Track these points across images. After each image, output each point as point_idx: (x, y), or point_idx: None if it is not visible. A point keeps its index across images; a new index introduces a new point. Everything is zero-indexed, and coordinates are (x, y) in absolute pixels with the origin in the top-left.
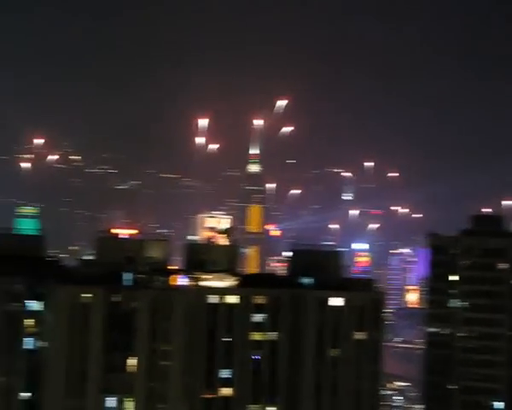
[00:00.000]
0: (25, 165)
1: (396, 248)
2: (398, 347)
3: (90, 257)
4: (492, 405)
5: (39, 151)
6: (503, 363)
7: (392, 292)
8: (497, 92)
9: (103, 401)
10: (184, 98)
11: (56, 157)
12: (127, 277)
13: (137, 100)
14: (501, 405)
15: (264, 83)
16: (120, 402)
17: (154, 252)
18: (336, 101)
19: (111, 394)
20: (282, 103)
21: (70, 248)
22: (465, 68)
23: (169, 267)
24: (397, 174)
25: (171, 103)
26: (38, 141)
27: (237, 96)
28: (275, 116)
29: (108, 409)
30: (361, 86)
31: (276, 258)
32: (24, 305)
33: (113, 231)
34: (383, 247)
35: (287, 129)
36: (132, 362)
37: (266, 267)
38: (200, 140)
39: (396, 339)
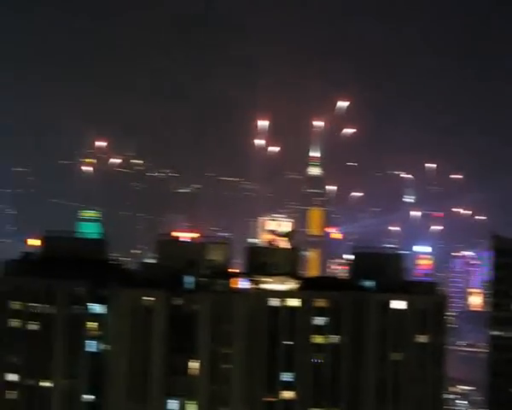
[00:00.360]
0: (87, 169)
1: (459, 251)
2: (461, 350)
3: (152, 260)
4: None
5: (101, 155)
6: None
7: (455, 295)
8: None
9: (165, 404)
10: (244, 100)
11: (118, 161)
12: (189, 280)
13: (197, 103)
14: None
15: (325, 84)
16: (182, 405)
17: (215, 255)
18: (397, 104)
19: (173, 397)
20: (343, 105)
21: (132, 251)
22: None
23: (230, 270)
24: (460, 176)
25: (231, 105)
26: (100, 144)
27: (297, 98)
28: (336, 118)
29: None
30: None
31: (337, 261)
32: (87, 308)
33: (175, 234)
34: (446, 249)
35: (348, 131)
36: (194, 365)
37: (327, 270)
38: (260, 142)
39: (459, 342)
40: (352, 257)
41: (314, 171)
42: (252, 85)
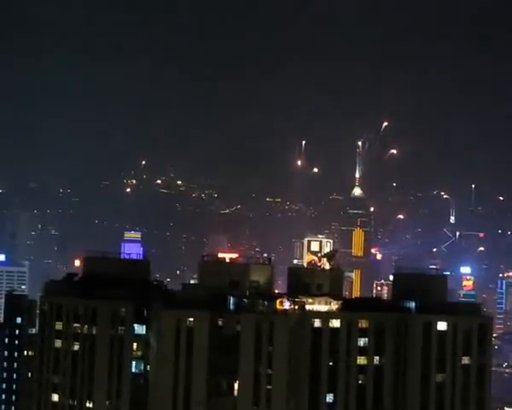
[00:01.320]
0: (130, 189)
1: (504, 272)
2: (505, 372)
3: (195, 281)
4: None
5: (145, 176)
6: None
7: (500, 316)
8: None
9: None
10: (287, 122)
11: (161, 181)
12: (232, 300)
13: (239, 124)
14: None
15: (367, 107)
16: None
17: (258, 276)
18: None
19: None
20: (386, 127)
21: (174, 272)
22: None
23: (273, 291)
24: (501, 198)
25: (274, 127)
26: (144, 166)
27: (341, 120)
28: (379, 140)
29: None
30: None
31: (380, 282)
32: (130, 328)
33: (217, 254)
34: (491, 270)
35: (391, 152)
36: (237, 386)
37: (371, 291)
38: (302, 164)
39: (504, 364)
40: (395, 278)
41: (357, 192)
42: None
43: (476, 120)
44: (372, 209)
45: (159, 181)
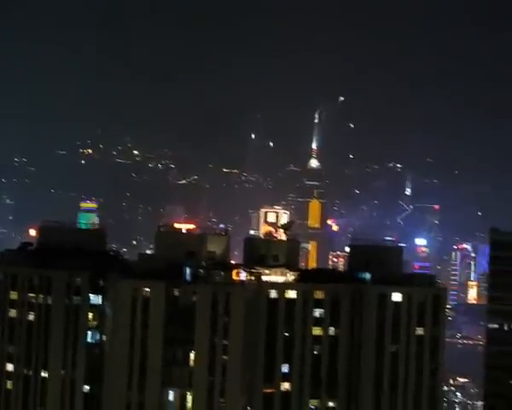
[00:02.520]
0: (87, 159)
1: (458, 244)
2: (459, 343)
3: (151, 251)
4: None
5: (101, 146)
6: None
7: (454, 288)
8: None
9: (164, 395)
10: (244, 93)
11: (118, 151)
12: (188, 271)
13: (197, 95)
14: None
15: (324, 80)
16: (180, 396)
17: (215, 247)
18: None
19: (171, 387)
20: (342, 100)
21: (131, 242)
22: None
23: (229, 262)
24: (456, 172)
25: (231, 98)
26: (100, 135)
27: (298, 92)
28: (335, 112)
29: (169, 403)
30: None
31: (336, 253)
32: (86, 298)
33: (174, 225)
34: (445, 242)
35: (348, 125)
36: (193, 356)
37: (327, 262)
38: (259, 135)
39: (457, 335)
40: (351, 249)
41: (314, 163)
42: (254, 80)
43: (435, 93)
44: (328, 181)
45: (115, 151)
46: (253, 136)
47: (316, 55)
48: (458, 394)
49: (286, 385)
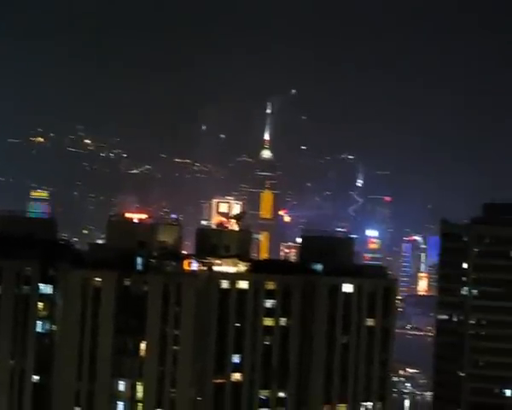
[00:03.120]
0: (38, 148)
1: (409, 236)
2: (409, 334)
3: (102, 241)
4: (502, 392)
5: (53, 134)
6: None
7: (404, 279)
8: None
9: (114, 385)
10: (198, 85)
11: (69, 140)
12: (139, 261)
13: (152, 86)
14: (510, 393)
15: (277, 72)
16: (130, 386)
17: (166, 237)
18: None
19: (121, 377)
20: (294, 92)
21: (82, 231)
22: None
23: (181, 252)
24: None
25: (185, 90)
26: (52, 124)
27: (251, 83)
28: (288, 104)
29: (119, 392)
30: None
31: (288, 244)
32: (36, 288)
33: (125, 215)
34: (396, 234)
35: (300, 116)
36: (143, 346)
37: (278, 253)
38: (212, 126)
39: (407, 326)
40: (302, 240)
41: (266, 154)
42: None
43: (387, 84)
44: (281, 172)
45: (67, 140)
46: (204, 127)
47: (270, 48)
48: (408, 384)
49: (237, 376)
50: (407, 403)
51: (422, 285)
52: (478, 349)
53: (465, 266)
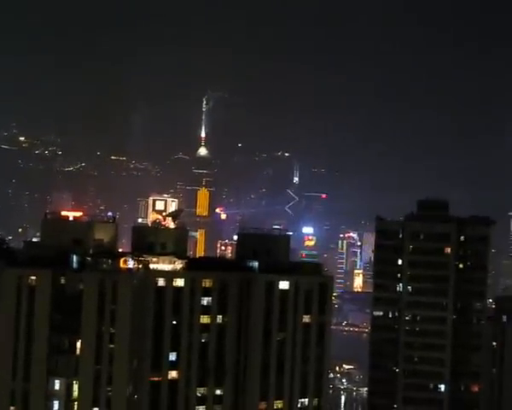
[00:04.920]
0: None
1: (345, 232)
2: (345, 330)
3: (37, 239)
4: (435, 387)
5: None
6: (447, 346)
7: (340, 276)
8: None
9: (50, 384)
10: (135, 83)
11: (4, 138)
12: (74, 259)
13: (87, 83)
14: (444, 388)
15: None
16: (67, 385)
17: (102, 234)
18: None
19: (57, 376)
20: (229, 91)
21: (16, 229)
22: None
23: (117, 250)
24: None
25: (121, 87)
26: None
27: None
28: (224, 102)
29: (54, 391)
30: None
31: (224, 242)
32: None
33: (61, 213)
34: (331, 231)
35: (236, 114)
36: (79, 345)
37: (215, 251)
38: (148, 123)
39: (343, 322)
40: (239, 238)
41: (202, 151)
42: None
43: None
44: (217, 169)
45: (0, 137)
46: (141, 123)
47: (207, 48)
48: (344, 380)
49: (173, 374)
50: (343, 399)
51: (358, 282)
52: (412, 345)
53: (400, 262)
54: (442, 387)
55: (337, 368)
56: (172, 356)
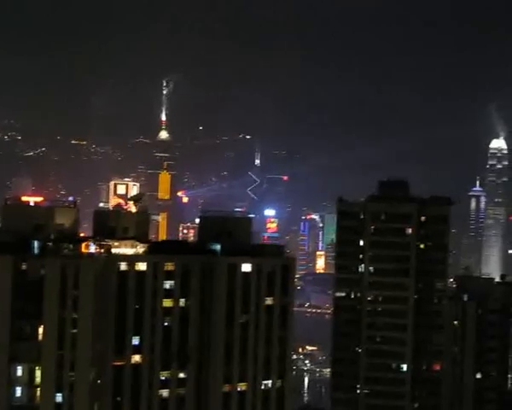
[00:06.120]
0: None
1: (306, 214)
2: (308, 312)
3: None
4: (398, 367)
5: None
6: (409, 326)
7: (303, 257)
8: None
9: (11, 370)
10: (95, 66)
11: None
12: (35, 244)
13: (47, 66)
14: (406, 367)
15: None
16: (29, 371)
17: (63, 219)
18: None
19: (19, 362)
20: (187, 72)
21: None
22: None
23: (78, 235)
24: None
25: (82, 70)
26: None
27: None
28: (185, 84)
29: (16, 378)
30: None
31: (186, 225)
32: None
33: (21, 198)
34: (293, 213)
35: (197, 97)
36: (41, 330)
37: (177, 234)
38: (108, 106)
39: (306, 304)
40: (201, 221)
41: (163, 135)
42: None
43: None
44: (178, 153)
45: None
46: (101, 107)
47: (170, 30)
48: (307, 361)
49: (136, 358)
50: (306, 380)
51: (320, 263)
52: (375, 325)
53: (361, 243)
54: (404, 366)
55: (300, 349)
56: (135, 340)
